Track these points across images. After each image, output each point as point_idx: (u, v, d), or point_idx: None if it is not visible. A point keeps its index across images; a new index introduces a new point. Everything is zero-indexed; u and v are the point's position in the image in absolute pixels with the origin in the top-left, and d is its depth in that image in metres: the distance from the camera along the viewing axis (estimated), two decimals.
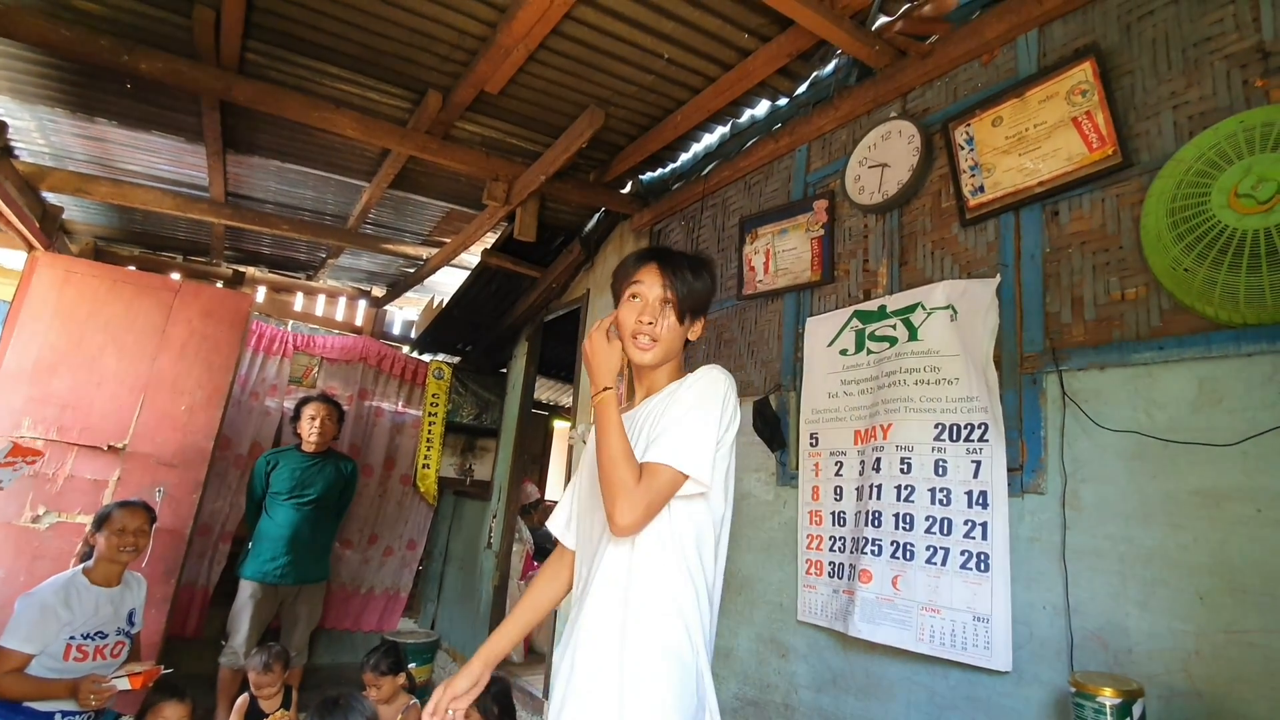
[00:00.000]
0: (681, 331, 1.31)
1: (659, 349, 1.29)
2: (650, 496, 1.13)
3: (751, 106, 2.65)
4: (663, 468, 1.15)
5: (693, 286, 1.31)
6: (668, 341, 1.29)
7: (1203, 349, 1.33)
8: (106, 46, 2.26)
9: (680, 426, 1.18)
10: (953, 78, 1.97)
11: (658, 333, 1.28)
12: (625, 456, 1.15)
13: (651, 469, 1.15)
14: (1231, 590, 1.24)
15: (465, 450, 4.98)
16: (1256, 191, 1.26)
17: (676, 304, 1.29)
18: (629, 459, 1.15)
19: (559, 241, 3.93)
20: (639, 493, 1.13)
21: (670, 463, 1.15)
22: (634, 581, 1.17)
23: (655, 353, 1.28)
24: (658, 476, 1.14)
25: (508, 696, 2.37)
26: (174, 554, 3.29)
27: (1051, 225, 1.65)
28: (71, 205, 3.89)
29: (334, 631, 4.67)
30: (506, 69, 2.34)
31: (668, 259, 1.32)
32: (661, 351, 1.29)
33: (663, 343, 1.28)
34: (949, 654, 1.62)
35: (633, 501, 1.12)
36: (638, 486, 1.13)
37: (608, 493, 1.14)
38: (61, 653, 2.15)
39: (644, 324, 1.28)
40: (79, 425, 3.22)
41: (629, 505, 1.12)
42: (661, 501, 1.16)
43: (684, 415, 1.19)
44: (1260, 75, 1.34)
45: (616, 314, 1.33)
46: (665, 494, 1.15)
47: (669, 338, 1.29)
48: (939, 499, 1.72)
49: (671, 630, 1.14)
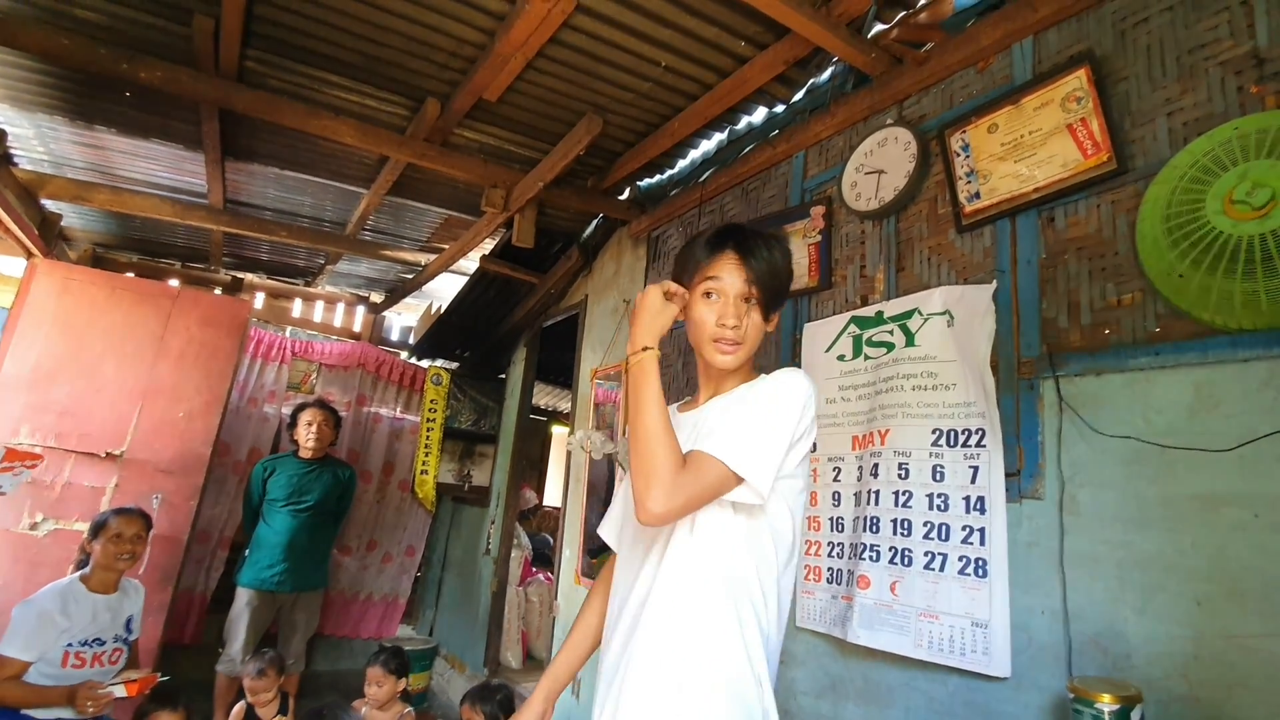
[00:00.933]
0: (762, 330, 1.15)
1: (743, 351, 1.13)
2: (692, 490, 0.97)
3: (749, 113, 2.66)
4: (714, 462, 0.98)
5: (778, 277, 1.14)
6: (752, 342, 1.13)
7: (1199, 354, 1.34)
8: (106, 55, 2.27)
9: (744, 424, 1.02)
10: (948, 85, 1.98)
11: (742, 335, 1.12)
12: (665, 432, 0.99)
13: (700, 460, 0.99)
14: (1229, 595, 1.24)
15: (463, 456, 4.98)
16: (1251, 198, 1.27)
17: (761, 300, 1.12)
18: (669, 436, 0.99)
19: (557, 248, 3.94)
20: (681, 481, 0.96)
21: (724, 459, 0.98)
22: (691, 616, 1.03)
23: (738, 356, 1.13)
24: (706, 470, 0.98)
25: (510, 704, 2.37)
26: (171, 561, 3.29)
27: (1048, 231, 1.66)
28: (70, 212, 3.89)
29: (332, 638, 4.66)
30: (505, 77, 2.36)
31: (746, 246, 1.13)
32: (745, 354, 1.14)
33: (747, 344, 1.13)
34: (947, 660, 1.62)
35: (670, 489, 0.95)
36: (679, 473, 0.97)
37: (639, 472, 0.98)
38: (59, 660, 2.15)
39: (727, 327, 1.11)
40: (77, 432, 3.21)
41: (664, 493, 0.95)
42: (704, 500, 1.00)
43: (751, 414, 1.04)
44: (1255, 81, 1.35)
45: (690, 310, 1.15)
46: (711, 492, 0.99)
47: (754, 338, 1.13)
48: (937, 504, 1.72)
49: (733, 668, 1.00)
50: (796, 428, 1.04)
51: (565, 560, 3.52)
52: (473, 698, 2.38)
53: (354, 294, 5.54)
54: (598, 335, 3.58)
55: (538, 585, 4.77)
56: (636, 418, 1.01)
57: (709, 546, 1.06)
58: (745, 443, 1.00)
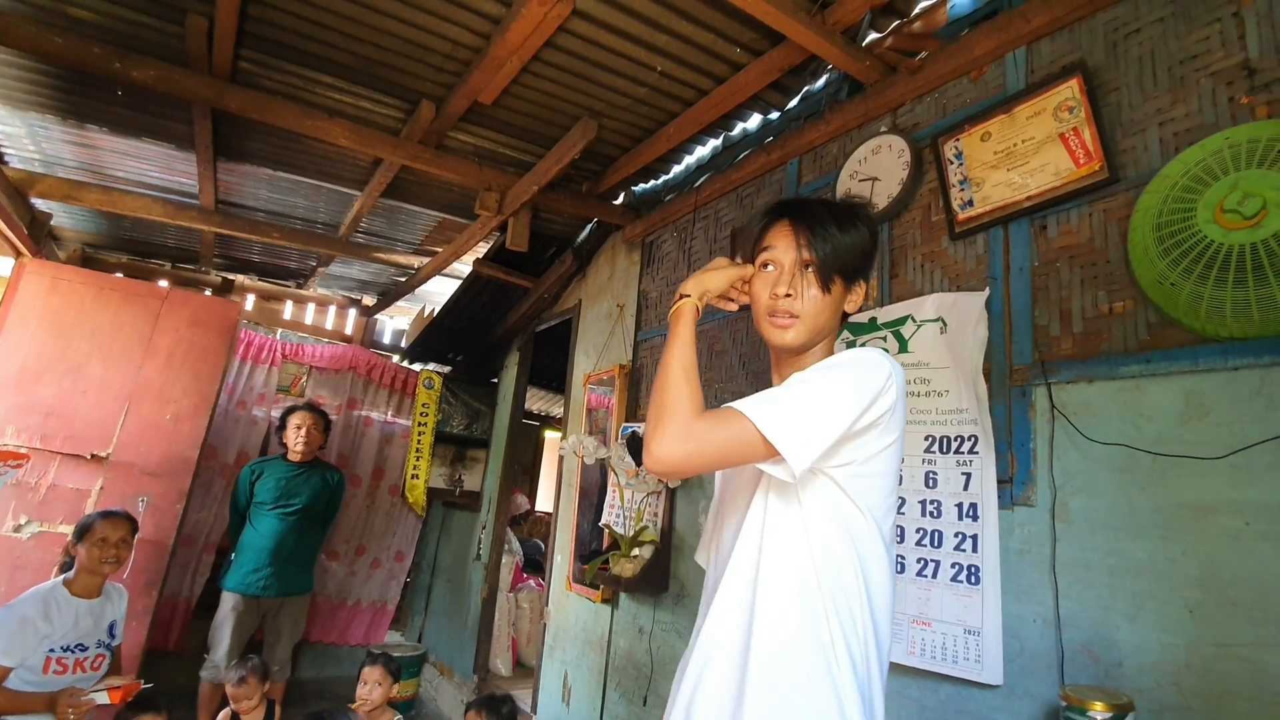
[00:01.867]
0: (832, 302, 1.03)
1: (801, 326, 1.02)
2: (707, 440, 0.86)
3: (743, 120, 2.67)
4: (739, 417, 0.87)
5: (840, 242, 1.01)
6: (811, 316, 1.02)
7: (1190, 363, 1.34)
8: (99, 54, 2.25)
9: (793, 392, 0.89)
10: (942, 93, 1.99)
11: (797, 307, 1.01)
12: (686, 374, 0.92)
13: (725, 413, 0.88)
14: (1221, 603, 1.24)
15: (455, 461, 4.95)
16: (1242, 207, 1.27)
17: (819, 266, 1.01)
18: (690, 381, 0.91)
19: (551, 252, 3.93)
20: (695, 428, 0.86)
21: (754, 418, 0.86)
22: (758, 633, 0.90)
23: (797, 330, 1.02)
24: (728, 423, 0.87)
25: (514, 717, 2.35)
26: (156, 565, 3.24)
27: (1040, 239, 1.66)
28: (60, 212, 3.86)
29: (319, 645, 4.60)
30: (500, 80, 2.35)
31: (802, 212, 1.05)
32: (806, 330, 1.02)
33: (805, 318, 1.01)
34: (940, 667, 1.61)
35: (681, 433, 0.86)
36: (695, 418, 0.87)
37: (653, 412, 0.90)
38: (41, 665, 2.11)
39: (780, 297, 1.02)
40: (62, 433, 3.17)
41: (674, 436, 0.85)
42: (720, 456, 0.88)
43: (806, 382, 0.91)
44: (1246, 92, 1.36)
45: (750, 287, 1.07)
46: (729, 450, 0.87)
47: (813, 311, 1.02)
48: (929, 511, 1.71)
49: (818, 701, 0.85)
50: (866, 411, 0.90)
51: (557, 566, 3.50)
52: (479, 706, 2.35)
53: (346, 296, 5.51)
54: (591, 340, 3.58)
55: (529, 591, 4.74)
56: (662, 362, 0.95)
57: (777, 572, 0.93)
58: (785, 408, 0.87)
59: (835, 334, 1.09)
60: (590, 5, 2.05)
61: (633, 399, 3.09)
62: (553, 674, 3.33)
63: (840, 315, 1.07)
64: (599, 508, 3.15)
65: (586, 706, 2.97)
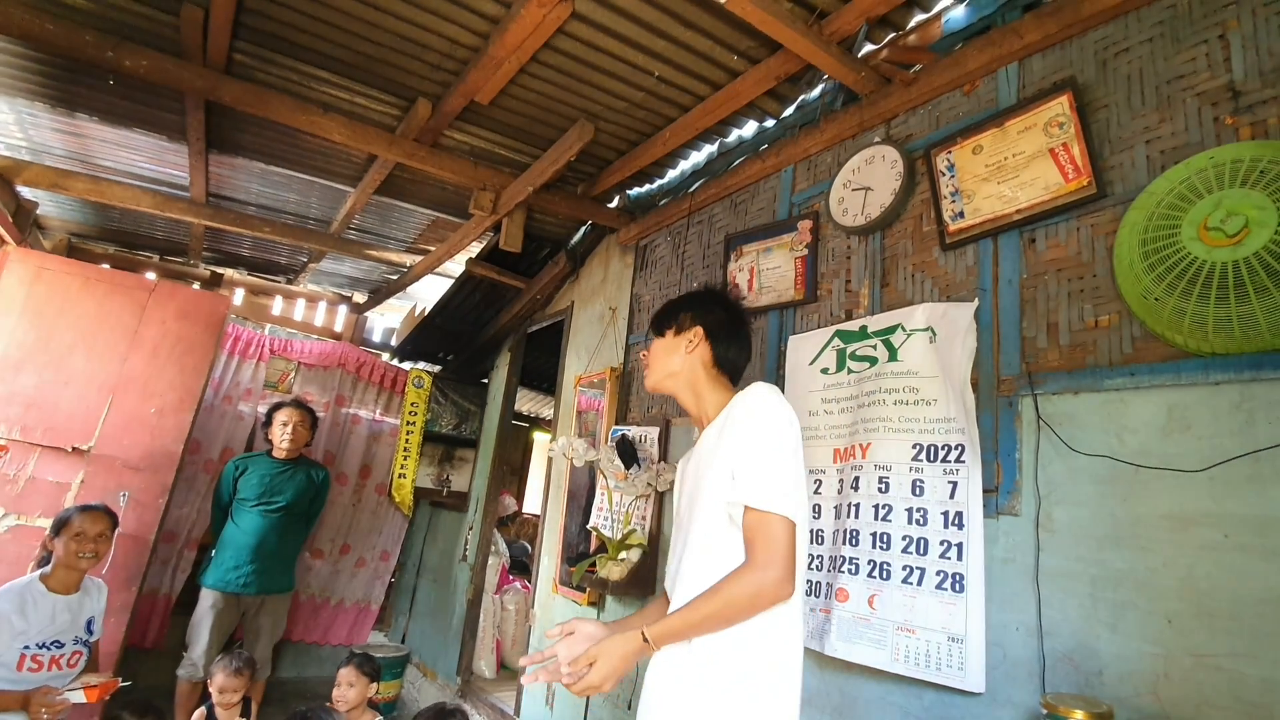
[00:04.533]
0: (667, 346, 1.41)
1: (649, 372, 1.44)
2: (779, 550, 1.14)
3: (739, 126, 2.69)
4: (776, 519, 1.16)
5: (662, 311, 1.45)
6: (655, 361, 1.42)
7: (1173, 376, 1.37)
8: (91, 41, 2.23)
9: (761, 464, 1.20)
10: (935, 106, 2.02)
11: (646, 360, 1.45)
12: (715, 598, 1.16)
13: (764, 523, 1.16)
14: (1199, 614, 1.26)
15: (443, 460, 4.92)
16: (1226, 225, 1.30)
17: (653, 330, 1.44)
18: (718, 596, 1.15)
19: (545, 253, 3.93)
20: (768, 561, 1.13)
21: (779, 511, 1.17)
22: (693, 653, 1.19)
23: (648, 376, 1.44)
24: (774, 528, 1.16)
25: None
26: (136, 561, 3.20)
27: (1029, 252, 1.69)
28: (47, 200, 3.81)
29: (301, 644, 4.56)
30: (498, 80, 2.36)
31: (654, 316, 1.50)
32: (653, 374, 1.42)
33: (652, 366, 1.43)
34: (923, 674, 1.62)
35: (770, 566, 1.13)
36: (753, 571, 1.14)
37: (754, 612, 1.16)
38: (15, 662, 2.07)
39: (641, 358, 1.48)
40: (43, 425, 3.13)
41: (775, 581, 1.13)
42: (791, 550, 1.16)
43: (761, 451, 1.21)
44: (1231, 113, 1.39)
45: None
46: (788, 543, 1.15)
47: (653, 359, 1.43)
48: (916, 519, 1.73)
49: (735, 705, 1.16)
50: (797, 453, 1.24)
51: (543, 568, 3.49)
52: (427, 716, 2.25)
53: (336, 293, 5.48)
54: (583, 342, 3.58)
55: (514, 593, 4.72)
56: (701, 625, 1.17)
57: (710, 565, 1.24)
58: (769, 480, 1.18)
59: (701, 376, 1.39)
60: (589, 8, 2.06)
61: (623, 402, 3.09)
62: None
63: (684, 358, 1.39)
64: (587, 510, 3.15)
65: (570, 710, 2.96)
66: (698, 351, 1.40)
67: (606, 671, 1.17)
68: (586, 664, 1.17)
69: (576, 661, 1.19)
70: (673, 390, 1.41)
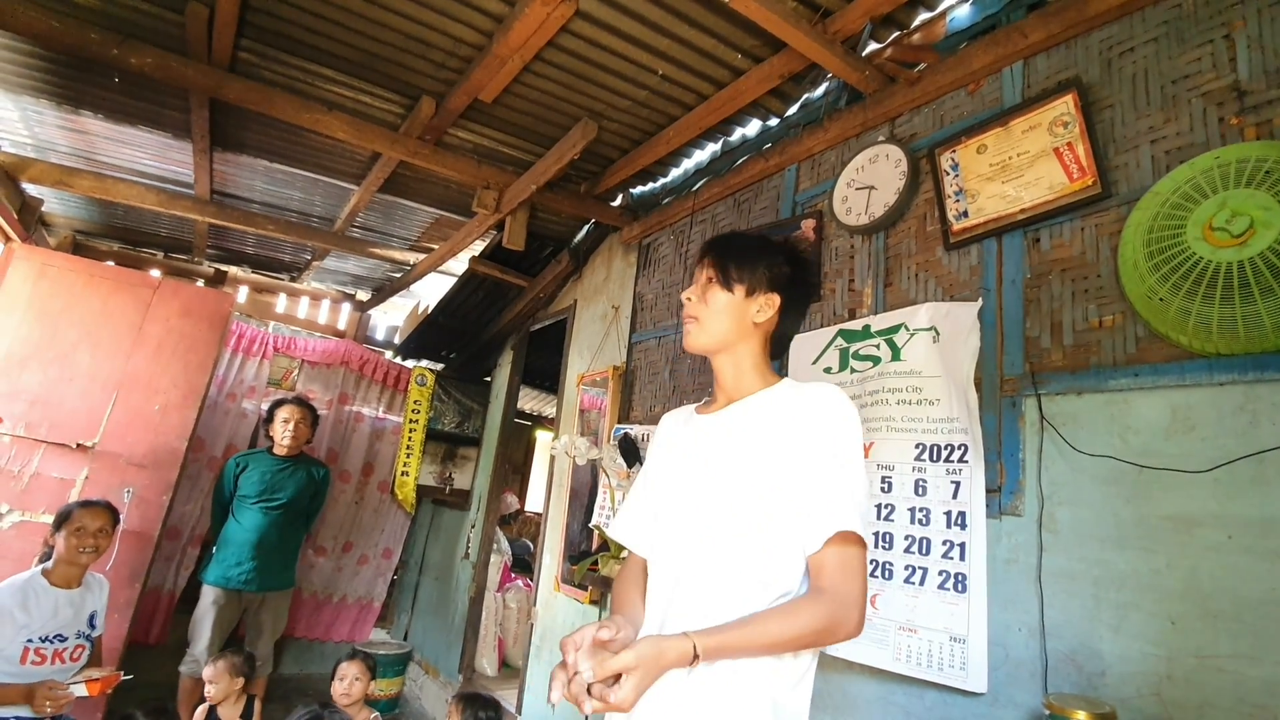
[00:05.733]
0: (730, 307, 1.16)
1: (699, 329, 1.17)
2: (861, 587, 1.01)
3: (743, 125, 2.68)
4: (855, 551, 1.02)
5: (737, 256, 1.16)
6: (708, 319, 1.16)
7: (1177, 377, 1.36)
8: (96, 39, 2.24)
9: (851, 484, 1.04)
10: (939, 105, 2.01)
11: (696, 310, 1.17)
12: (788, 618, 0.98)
13: (843, 558, 1.01)
14: (1203, 615, 1.26)
15: (446, 458, 4.93)
16: (1230, 225, 1.30)
17: (719, 277, 1.15)
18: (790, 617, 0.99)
19: (548, 252, 3.93)
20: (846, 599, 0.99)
21: (861, 536, 1.02)
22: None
23: (696, 332, 1.17)
24: (852, 562, 1.01)
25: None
26: (140, 558, 3.21)
27: (1033, 252, 1.68)
28: (52, 198, 3.83)
29: (303, 641, 4.57)
30: (502, 78, 2.36)
31: (713, 244, 1.21)
32: (703, 332, 1.16)
33: (703, 321, 1.16)
34: (925, 674, 1.62)
35: (848, 607, 0.99)
36: (830, 603, 0.98)
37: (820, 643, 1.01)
38: (18, 656, 2.08)
39: (686, 303, 1.18)
40: (47, 422, 3.14)
41: (856, 624, 0.99)
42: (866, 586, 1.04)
43: (847, 471, 1.04)
44: (1236, 113, 1.39)
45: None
46: (866, 578, 1.03)
47: (708, 315, 1.16)
48: (918, 519, 1.73)
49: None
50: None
51: (545, 567, 3.49)
52: (463, 700, 2.33)
53: (340, 291, 5.49)
54: (585, 340, 3.58)
55: (516, 591, 4.73)
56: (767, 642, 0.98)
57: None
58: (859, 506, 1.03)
59: (754, 348, 1.18)
60: (593, 7, 2.05)
61: (626, 401, 3.09)
62: (539, 674, 3.32)
63: (748, 325, 1.17)
64: (589, 509, 3.15)
65: (572, 709, 2.96)
66: (765, 323, 1.18)
67: (644, 685, 0.92)
68: (615, 676, 0.91)
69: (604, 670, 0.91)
70: (715, 355, 1.20)
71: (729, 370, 1.18)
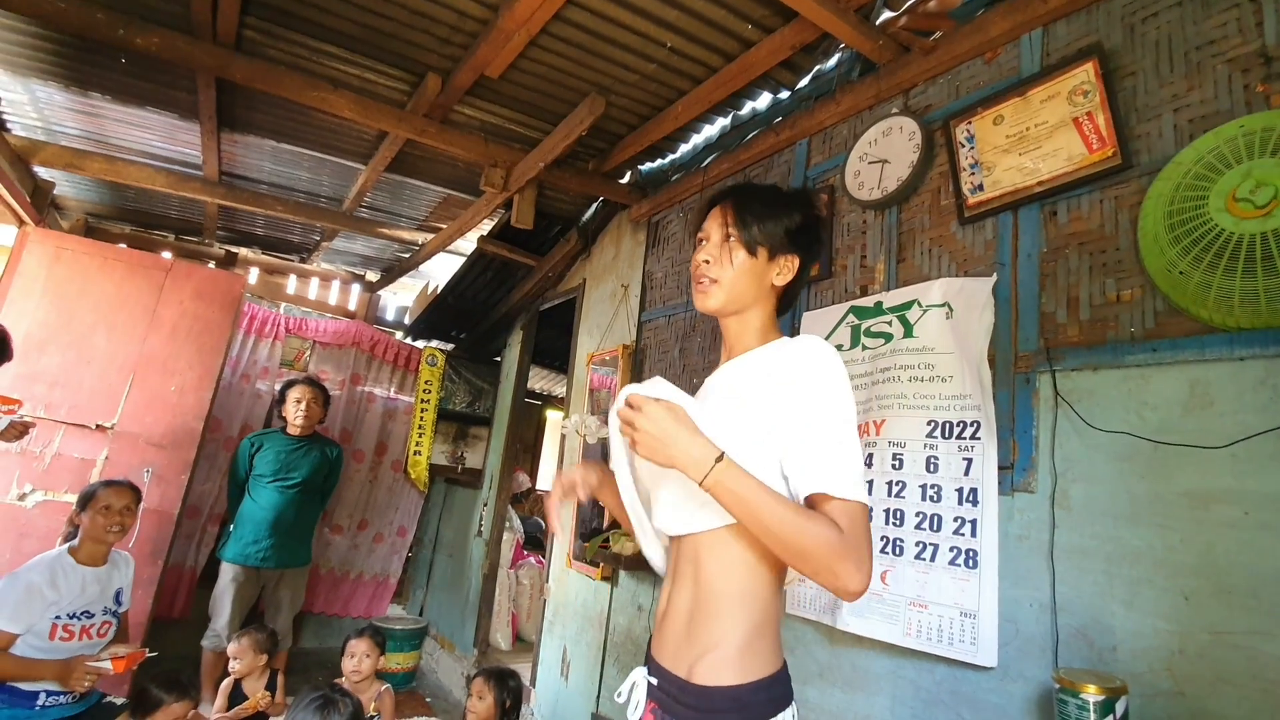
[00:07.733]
0: (753, 269, 1.11)
1: (719, 290, 1.11)
2: (868, 548, 0.93)
3: (753, 99, 2.64)
4: (859, 507, 0.95)
5: (761, 214, 1.11)
6: (731, 283, 1.11)
7: (1196, 352, 1.34)
8: (103, 20, 2.22)
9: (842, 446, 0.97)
10: (955, 75, 1.96)
11: (715, 272, 1.11)
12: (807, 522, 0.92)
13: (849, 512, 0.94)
14: (1217, 591, 1.25)
15: (457, 438, 4.97)
16: (1254, 196, 1.26)
17: (739, 236, 1.10)
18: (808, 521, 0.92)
19: (556, 230, 3.91)
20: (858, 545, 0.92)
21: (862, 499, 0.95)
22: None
23: (715, 294, 1.12)
24: (858, 519, 0.94)
25: (519, 698, 2.41)
26: (162, 535, 3.28)
27: (1050, 225, 1.65)
28: (63, 181, 3.84)
29: (322, 616, 4.67)
30: (507, 53, 2.32)
31: (732, 194, 1.15)
32: (723, 293, 1.11)
33: (724, 283, 1.11)
34: (935, 649, 1.63)
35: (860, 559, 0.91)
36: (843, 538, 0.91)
37: (811, 565, 0.92)
38: (47, 632, 2.14)
39: (701, 263, 1.13)
40: (67, 403, 3.19)
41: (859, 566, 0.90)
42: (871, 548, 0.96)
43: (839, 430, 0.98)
44: (1262, 80, 1.34)
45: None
46: (870, 538, 0.96)
47: (732, 278, 1.11)
48: (929, 495, 1.72)
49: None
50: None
51: (557, 544, 3.54)
52: (489, 676, 2.40)
53: (349, 272, 5.50)
54: (595, 319, 3.57)
55: (529, 568, 4.80)
56: (775, 533, 0.93)
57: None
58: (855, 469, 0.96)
59: (768, 309, 1.16)
60: None
61: (635, 380, 3.09)
62: (552, 649, 3.38)
63: (767, 287, 1.14)
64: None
65: (585, 681, 3.02)
66: (782, 286, 1.15)
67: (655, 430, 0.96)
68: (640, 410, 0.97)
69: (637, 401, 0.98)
70: (728, 317, 1.16)
71: (735, 329, 1.17)
